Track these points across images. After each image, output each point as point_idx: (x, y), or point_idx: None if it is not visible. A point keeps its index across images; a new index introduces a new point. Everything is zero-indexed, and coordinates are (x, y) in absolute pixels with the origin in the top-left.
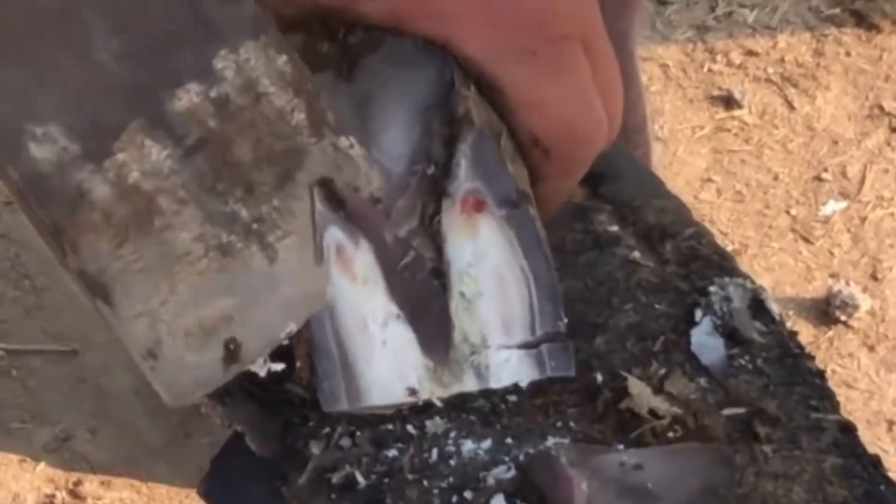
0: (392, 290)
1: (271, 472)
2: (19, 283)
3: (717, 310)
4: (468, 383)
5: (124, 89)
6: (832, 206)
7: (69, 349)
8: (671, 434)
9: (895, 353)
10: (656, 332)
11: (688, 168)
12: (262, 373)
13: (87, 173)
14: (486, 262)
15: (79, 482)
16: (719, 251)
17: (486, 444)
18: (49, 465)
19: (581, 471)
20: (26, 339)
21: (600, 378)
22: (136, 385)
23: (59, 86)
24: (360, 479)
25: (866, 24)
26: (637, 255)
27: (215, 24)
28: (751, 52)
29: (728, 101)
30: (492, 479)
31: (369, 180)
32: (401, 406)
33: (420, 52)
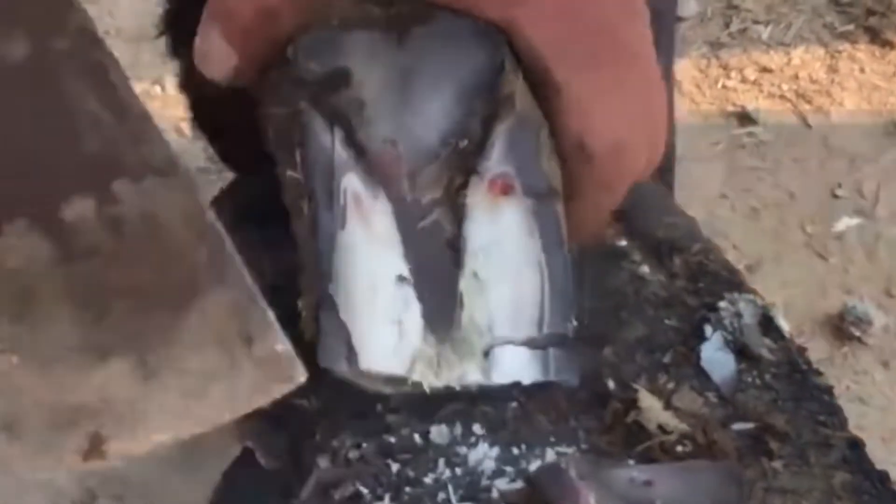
0: (406, 252)
1: (281, 487)
2: None
3: (728, 325)
4: (470, 370)
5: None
6: (847, 223)
7: None
8: (680, 448)
9: None
10: (665, 345)
11: (702, 184)
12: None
13: None
14: (504, 246)
15: (93, 496)
16: (727, 266)
17: (494, 452)
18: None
19: (590, 484)
20: None
21: (612, 386)
22: None
23: None
24: (366, 493)
25: (880, 40)
26: (646, 269)
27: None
28: (765, 69)
29: (742, 118)
30: (498, 489)
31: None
32: (401, 382)
33: (476, 34)
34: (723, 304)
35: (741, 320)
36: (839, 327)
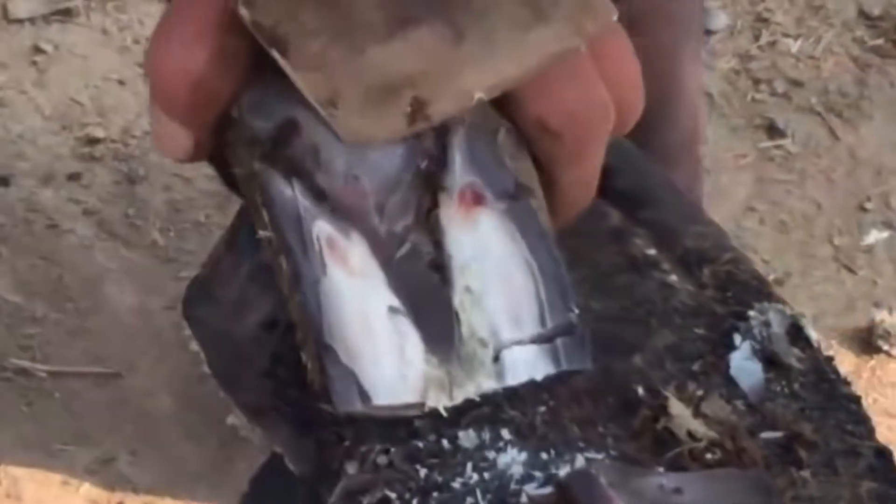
0: (391, 283)
1: (309, 492)
2: (62, 306)
3: (757, 334)
4: (483, 381)
5: None
6: (875, 236)
7: (112, 372)
8: (709, 456)
9: None
10: (694, 354)
11: (731, 196)
12: None
13: None
14: (488, 255)
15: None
16: (757, 276)
17: (522, 457)
18: (92, 486)
19: (620, 492)
20: (69, 361)
21: (641, 392)
22: (178, 409)
23: None
24: (394, 498)
25: None
26: (674, 278)
27: None
28: (795, 82)
29: (771, 130)
30: (527, 494)
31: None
32: (418, 408)
33: None
34: (752, 313)
35: (770, 329)
36: (867, 340)
